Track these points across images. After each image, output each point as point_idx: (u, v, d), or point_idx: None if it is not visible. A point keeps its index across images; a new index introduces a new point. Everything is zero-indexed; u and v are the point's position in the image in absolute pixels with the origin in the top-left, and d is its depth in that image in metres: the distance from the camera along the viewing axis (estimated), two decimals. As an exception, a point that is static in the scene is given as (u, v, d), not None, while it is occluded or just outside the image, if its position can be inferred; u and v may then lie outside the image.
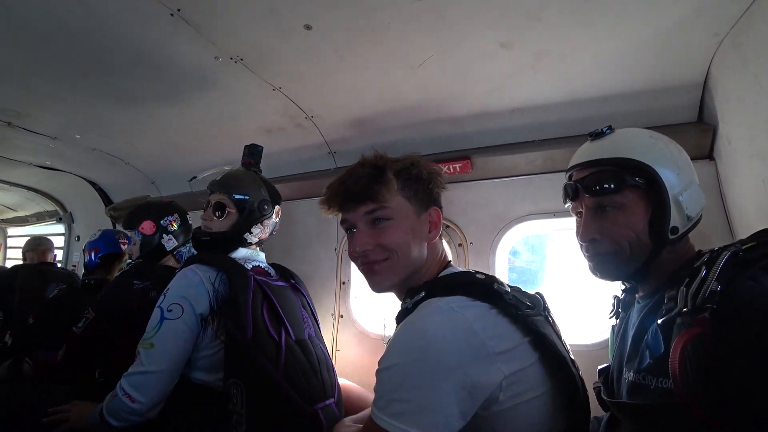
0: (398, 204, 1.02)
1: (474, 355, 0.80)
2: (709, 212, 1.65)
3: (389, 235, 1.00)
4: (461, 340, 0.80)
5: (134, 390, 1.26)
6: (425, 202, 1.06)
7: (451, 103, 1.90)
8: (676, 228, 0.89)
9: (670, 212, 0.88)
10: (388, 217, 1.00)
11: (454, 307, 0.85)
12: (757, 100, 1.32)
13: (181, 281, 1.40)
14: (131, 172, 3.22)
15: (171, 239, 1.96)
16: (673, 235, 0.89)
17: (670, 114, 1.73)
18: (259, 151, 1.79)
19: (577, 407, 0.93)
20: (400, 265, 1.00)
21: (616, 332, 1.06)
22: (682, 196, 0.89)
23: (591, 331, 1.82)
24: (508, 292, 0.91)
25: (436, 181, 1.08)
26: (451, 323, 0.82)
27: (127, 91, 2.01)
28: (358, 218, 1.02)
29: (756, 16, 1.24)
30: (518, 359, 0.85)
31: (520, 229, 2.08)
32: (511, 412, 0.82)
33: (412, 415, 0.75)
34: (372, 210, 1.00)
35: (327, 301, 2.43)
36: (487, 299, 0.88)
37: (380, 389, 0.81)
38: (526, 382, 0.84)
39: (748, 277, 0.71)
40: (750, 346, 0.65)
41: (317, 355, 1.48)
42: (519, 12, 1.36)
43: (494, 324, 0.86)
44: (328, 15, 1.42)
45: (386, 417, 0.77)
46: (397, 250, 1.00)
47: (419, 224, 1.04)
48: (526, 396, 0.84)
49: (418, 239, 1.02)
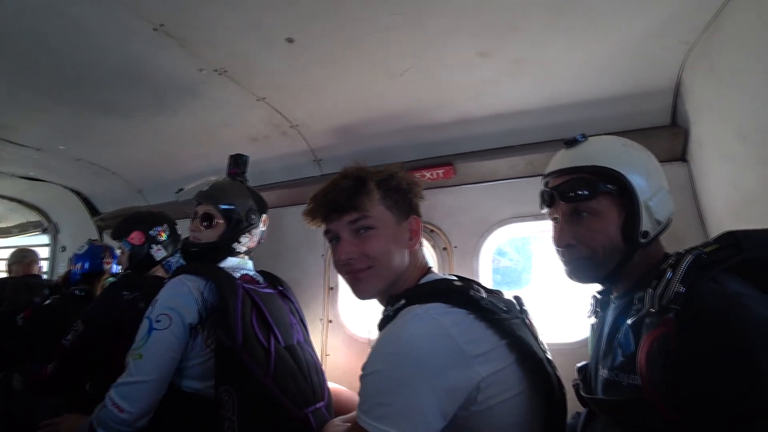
0: (380, 213, 1.05)
1: (452, 359, 0.84)
2: (683, 213, 1.71)
3: (372, 243, 1.03)
4: (439, 345, 0.84)
5: (123, 400, 1.27)
6: (405, 211, 1.09)
7: (432, 111, 1.94)
8: (647, 232, 0.92)
9: (641, 217, 0.91)
10: (371, 226, 1.03)
11: (432, 314, 0.89)
12: (725, 106, 1.38)
13: (169, 292, 1.41)
14: (117, 181, 3.20)
15: (160, 249, 1.96)
16: (644, 239, 0.91)
17: (645, 118, 1.79)
18: (244, 161, 1.80)
19: (554, 405, 0.96)
20: (383, 272, 1.04)
21: (595, 331, 1.10)
22: (651, 201, 0.92)
23: (572, 329, 1.87)
24: (484, 298, 0.94)
25: (415, 191, 1.12)
26: (429, 330, 0.86)
27: (112, 103, 2.02)
28: (342, 228, 1.05)
29: (722, 26, 1.30)
30: (495, 361, 0.88)
31: (502, 232, 2.13)
32: (489, 412, 0.86)
33: (395, 417, 0.79)
34: (355, 219, 1.03)
35: (315, 306, 2.45)
36: (463, 305, 0.92)
37: (364, 394, 0.85)
38: (503, 383, 0.88)
39: (709, 279, 0.75)
40: (709, 348, 0.69)
41: (306, 360, 1.50)
42: (496, 22, 1.41)
43: (471, 329, 0.89)
44: (309, 28, 1.45)
45: (370, 420, 0.80)
46: (380, 258, 1.03)
47: (400, 232, 1.07)
48: (503, 396, 0.87)
49: (399, 247, 1.06)
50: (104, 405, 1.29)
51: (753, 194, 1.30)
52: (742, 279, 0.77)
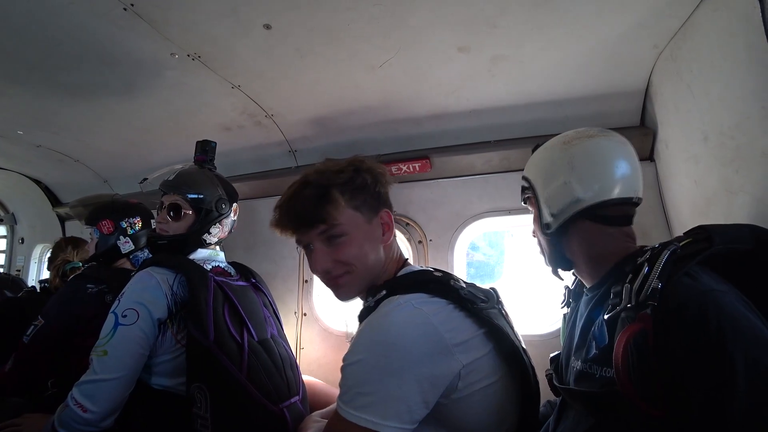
0: (348, 217, 1.03)
1: (434, 347, 0.85)
2: (650, 210, 1.78)
3: (346, 250, 1.02)
4: (421, 334, 0.85)
5: (86, 399, 1.21)
6: (374, 207, 1.08)
7: (410, 104, 1.94)
8: (548, 224, 1.05)
9: (542, 212, 1.06)
10: (342, 233, 1.02)
11: (414, 304, 0.90)
12: (690, 109, 1.43)
13: (136, 285, 1.35)
14: (81, 170, 3.07)
15: (128, 242, 1.88)
16: (548, 230, 1.05)
17: (616, 118, 1.84)
18: (212, 147, 1.73)
19: (528, 393, 1.00)
20: (360, 275, 1.04)
21: (567, 321, 1.14)
22: (545, 198, 1.06)
23: (544, 320, 1.92)
24: (463, 288, 0.97)
25: (382, 182, 1.10)
26: (411, 319, 0.87)
27: (77, 86, 1.92)
28: (313, 238, 1.04)
29: (689, 33, 1.35)
30: (474, 349, 0.90)
31: (477, 226, 2.16)
32: (468, 399, 0.88)
33: (377, 406, 0.79)
34: (324, 230, 1.02)
35: (290, 299, 2.43)
36: (444, 295, 0.94)
37: (345, 384, 0.85)
38: (482, 371, 0.90)
39: (684, 274, 0.77)
40: (685, 344, 0.71)
41: (280, 354, 1.48)
42: (476, 17, 1.41)
43: (451, 318, 0.91)
44: (288, 15, 1.42)
45: (352, 410, 0.81)
46: (355, 263, 1.03)
47: (372, 230, 1.07)
48: (481, 383, 0.90)
49: (374, 245, 1.06)
50: (67, 405, 1.23)
51: (714, 193, 1.36)
52: (713, 271, 0.79)
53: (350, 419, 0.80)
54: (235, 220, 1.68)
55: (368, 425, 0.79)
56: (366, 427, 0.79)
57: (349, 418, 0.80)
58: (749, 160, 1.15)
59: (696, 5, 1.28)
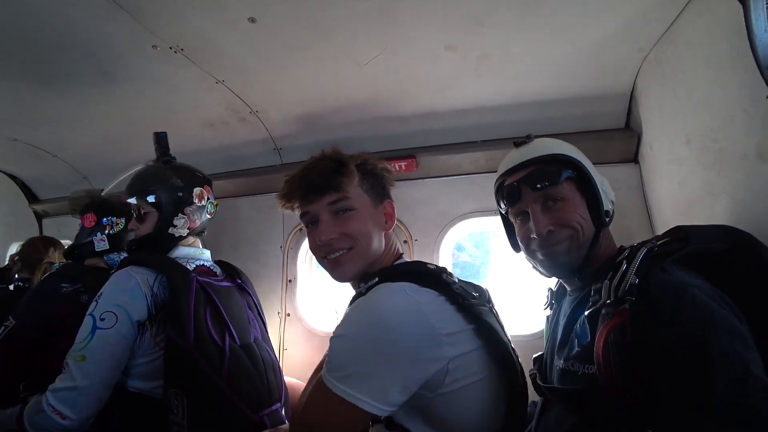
0: (359, 195, 1.06)
1: (422, 334, 0.86)
2: (634, 211, 1.81)
3: (353, 223, 1.04)
4: (412, 320, 0.86)
5: (65, 406, 1.17)
6: (380, 195, 1.12)
7: (397, 102, 1.93)
8: (608, 211, 0.99)
9: (602, 198, 0.98)
10: (351, 207, 1.04)
11: (406, 290, 0.91)
12: (674, 112, 1.46)
13: (115, 286, 1.31)
14: (60, 165, 2.97)
15: (103, 240, 1.82)
16: (608, 217, 0.99)
17: (602, 120, 1.86)
18: (163, 137, 1.68)
19: (517, 393, 0.99)
20: (362, 253, 1.04)
21: (550, 322, 1.14)
22: (603, 185, 1.01)
23: (529, 321, 1.93)
24: (455, 283, 0.98)
25: (387, 178, 1.15)
26: (402, 304, 0.88)
27: (53, 77, 1.86)
28: (322, 209, 1.04)
29: (674, 37, 1.38)
30: (462, 343, 0.91)
31: (463, 226, 2.16)
32: (454, 395, 0.88)
33: (356, 379, 0.82)
34: (335, 200, 1.04)
35: (273, 299, 2.40)
36: (435, 287, 0.94)
37: (331, 354, 0.87)
38: (469, 367, 0.90)
39: (660, 270, 0.79)
40: (661, 335, 0.72)
41: (263, 358, 1.45)
42: (463, 16, 1.41)
43: (441, 309, 0.92)
44: (274, 8, 1.40)
45: (333, 380, 0.84)
46: (360, 239, 1.04)
47: (377, 215, 1.09)
48: (468, 380, 0.90)
49: (377, 229, 1.08)
50: (42, 410, 1.19)
51: (696, 195, 1.38)
52: (688, 269, 0.81)
53: (330, 387, 0.84)
54: (204, 205, 1.57)
55: (345, 396, 0.82)
56: (342, 397, 0.82)
57: (330, 386, 0.84)
58: (731, 163, 1.17)
59: (681, 10, 1.29)
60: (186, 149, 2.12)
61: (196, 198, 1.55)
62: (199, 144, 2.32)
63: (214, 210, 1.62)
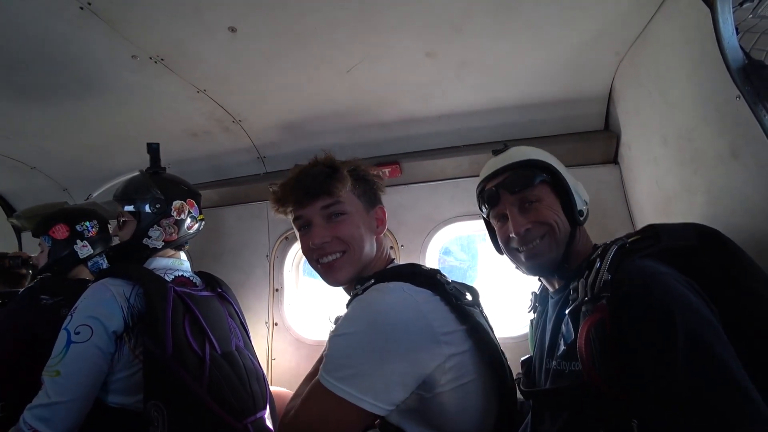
0: (351, 200, 1.09)
1: (422, 333, 0.87)
2: (615, 210, 1.84)
3: (345, 228, 1.06)
4: (411, 318, 0.88)
5: (42, 424, 1.13)
6: (372, 200, 1.14)
7: (379, 109, 1.94)
8: (582, 211, 1.05)
9: (575, 199, 1.04)
10: (344, 211, 1.07)
11: (404, 289, 0.93)
12: (650, 113, 1.49)
13: (90, 299, 1.28)
14: (38, 177, 2.90)
15: (86, 246, 1.79)
16: (581, 216, 1.04)
17: (581, 122, 1.90)
18: (154, 149, 1.70)
19: (507, 393, 1.01)
20: (355, 257, 1.06)
21: (535, 325, 1.16)
22: (575, 186, 1.07)
23: (516, 323, 1.93)
24: (449, 283, 1.00)
25: (378, 184, 1.18)
26: (402, 302, 0.90)
27: (30, 87, 1.82)
28: (315, 213, 1.06)
29: (648, 40, 1.41)
30: (456, 343, 0.92)
31: (449, 230, 2.17)
32: (450, 395, 0.89)
33: (356, 379, 0.82)
34: (329, 204, 1.06)
35: (260, 308, 2.37)
36: (430, 287, 0.96)
37: (330, 354, 0.88)
38: (463, 367, 0.92)
39: (630, 262, 0.83)
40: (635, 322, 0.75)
41: (245, 367, 1.43)
42: (442, 23, 1.43)
43: (438, 309, 0.93)
44: (253, 18, 1.40)
45: (332, 380, 0.83)
46: (353, 243, 1.06)
47: (369, 220, 1.12)
48: (462, 380, 0.91)
49: (369, 233, 1.10)
50: (20, 429, 1.14)
51: (674, 192, 1.41)
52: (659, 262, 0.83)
53: (329, 387, 0.83)
54: (184, 219, 1.55)
55: (345, 396, 0.81)
56: (343, 398, 0.81)
57: (330, 388, 0.83)
58: (706, 161, 1.20)
59: (653, 14, 1.33)
60: (170, 159, 2.10)
61: (175, 211, 1.53)
62: (182, 154, 2.30)
63: (197, 224, 1.60)
